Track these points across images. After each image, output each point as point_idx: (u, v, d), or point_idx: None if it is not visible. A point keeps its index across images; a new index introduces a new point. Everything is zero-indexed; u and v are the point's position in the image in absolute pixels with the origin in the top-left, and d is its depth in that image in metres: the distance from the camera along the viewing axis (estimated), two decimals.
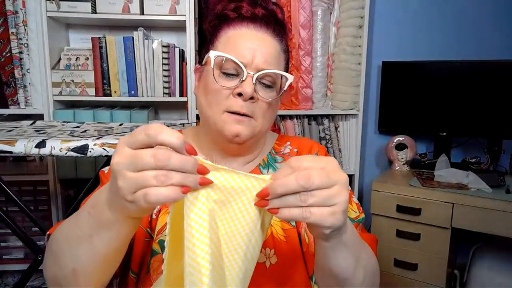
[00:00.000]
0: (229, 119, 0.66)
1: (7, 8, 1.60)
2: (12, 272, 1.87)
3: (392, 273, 1.68)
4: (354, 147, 1.99)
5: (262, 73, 0.65)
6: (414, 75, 1.93)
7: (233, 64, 0.65)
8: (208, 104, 0.68)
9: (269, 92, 0.68)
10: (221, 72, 0.66)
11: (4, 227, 1.67)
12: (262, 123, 0.69)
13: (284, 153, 0.79)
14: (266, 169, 0.76)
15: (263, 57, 0.66)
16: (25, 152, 0.94)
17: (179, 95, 1.79)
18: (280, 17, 0.72)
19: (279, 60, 0.69)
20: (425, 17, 2.01)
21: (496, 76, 1.76)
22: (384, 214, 1.67)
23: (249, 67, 0.65)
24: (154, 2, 1.71)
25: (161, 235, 0.66)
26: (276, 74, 0.67)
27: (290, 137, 0.84)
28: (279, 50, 0.69)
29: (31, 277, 1.21)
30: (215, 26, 0.71)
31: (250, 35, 0.67)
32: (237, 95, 0.65)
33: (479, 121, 1.81)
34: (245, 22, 0.68)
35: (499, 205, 1.44)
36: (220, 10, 0.70)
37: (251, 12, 0.68)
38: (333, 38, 1.91)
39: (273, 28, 0.69)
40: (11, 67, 1.65)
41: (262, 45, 0.67)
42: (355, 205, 0.77)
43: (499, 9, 1.88)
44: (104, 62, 1.71)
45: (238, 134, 0.66)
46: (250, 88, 0.64)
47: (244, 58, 0.65)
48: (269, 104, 0.68)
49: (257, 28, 0.68)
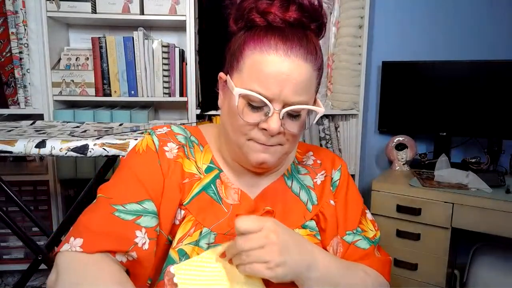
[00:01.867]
0: (255, 147, 0.63)
1: (7, 8, 1.60)
2: (12, 272, 1.86)
3: (392, 273, 1.66)
4: (354, 147, 1.99)
5: (290, 109, 0.60)
6: (414, 75, 1.93)
7: (259, 99, 0.59)
8: (232, 129, 0.64)
9: (296, 121, 0.63)
10: (246, 103, 0.61)
11: (4, 227, 1.67)
12: (289, 147, 0.66)
13: (308, 165, 0.78)
14: (290, 180, 0.75)
15: (291, 88, 0.59)
16: (25, 152, 0.94)
17: (179, 95, 1.79)
18: (318, 11, 0.62)
19: (310, 85, 0.62)
20: (425, 17, 2.01)
21: (496, 76, 1.76)
22: (384, 214, 1.67)
23: (275, 101, 0.59)
24: (154, 2, 1.71)
25: (181, 243, 0.64)
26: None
27: (311, 146, 0.83)
28: (312, 72, 0.61)
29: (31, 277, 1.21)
30: (241, 32, 0.64)
31: (279, 63, 0.58)
32: (263, 129, 0.61)
33: (479, 121, 1.81)
34: (274, 40, 0.59)
35: (499, 205, 1.44)
36: (248, 11, 0.62)
37: (281, 19, 0.60)
38: (333, 38, 1.91)
39: (306, 44, 0.60)
40: (11, 67, 1.65)
41: (292, 74, 0.58)
42: (370, 223, 0.78)
43: (500, 9, 1.88)
44: (104, 62, 1.71)
45: (264, 162, 0.64)
46: (277, 125, 0.59)
47: (270, 91, 0.58)
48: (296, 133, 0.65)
49: (287, 52, 0.58)
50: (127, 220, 0.60)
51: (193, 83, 1.75)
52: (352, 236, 0.73)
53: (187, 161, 0.69)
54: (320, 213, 0.73)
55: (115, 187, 0.64)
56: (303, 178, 0.76)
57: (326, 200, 0.74)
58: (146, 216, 0.61)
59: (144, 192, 0.63)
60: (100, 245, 0.56)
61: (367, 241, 0.74)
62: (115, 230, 0.58)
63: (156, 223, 0.62)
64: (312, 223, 0.72)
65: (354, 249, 0.73)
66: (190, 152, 0.70)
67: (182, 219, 0.66)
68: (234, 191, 0.70)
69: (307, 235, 0.71)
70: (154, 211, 0.63)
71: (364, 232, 0.75)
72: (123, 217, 0.60)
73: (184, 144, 0.70)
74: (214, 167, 0.71)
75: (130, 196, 0.62)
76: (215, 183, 0.69)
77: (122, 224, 0.59)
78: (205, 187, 0.68)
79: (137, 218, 0.61)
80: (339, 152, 1.99)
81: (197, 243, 0.64)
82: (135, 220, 0.60)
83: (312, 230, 0.72)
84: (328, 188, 0.75)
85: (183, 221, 0.66)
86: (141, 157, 0.67)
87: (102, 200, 0.62)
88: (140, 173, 0.64)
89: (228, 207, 0.68)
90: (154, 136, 0.69)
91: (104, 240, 0.57)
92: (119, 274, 0.56)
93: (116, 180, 0.66)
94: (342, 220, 0.74)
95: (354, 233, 0.74)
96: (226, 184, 0.70)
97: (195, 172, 0.69)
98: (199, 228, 0.65)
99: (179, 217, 0.66)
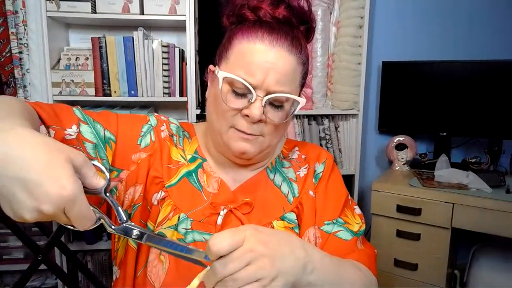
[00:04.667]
0: (235, 135, 0.64)
1: (7, 8, 1.60)
2: (12, 272, 1.86)
3: (392, 273, 1.68)
4: (354, 147, 1.99)
5: (272, 97, 0.62)
6: (414, 75, 1.92)
7: (243, 85, 0.61)
8: (216, 116, 0.66)
9: (278, 112, 0.65)
10: (231, 89, 0.63)
11: (4, 227, 1.67)
12: (271, 139, 0.67)
13: (292, 159, 0.78)
14: (273, 173, 0.75)
15: (275, 77, 0.61)
16: None
17: (179, 95, 1.79)
18: (307, 15, 0.66)
19: (293, 78, 0.64)
20: (425, 17, 2.01)
21: (496, 76, 1.76)
22: (384, 214, 1.67)
23: (259, 89, 0.61)
24: (154, 2, 1.71)
25: (161, 227, 0.65)
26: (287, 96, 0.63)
27: (298, 142, 0.83)
28: (295, 65, 0.64)
29: (31, 277, 1.21)
30: (232, 26, 0.67)
31: (264, 52, 0.61)
32: (245, 115, 0.62)
33: (479, 121, 1.81)
34: (261, 32, 0.62)
35: (499, 205, 1.44)
36: (239, 7, 0.65)
37: (271, 15, 0.63)
38: (333, 38, 1.91)
39: (291, 39, 0.63)
40: (11, 67, 1.65)
41: (276, 63, 0.61)
42: (358, 217, 0.77)
43: (499, 9, 1.88)
44: (104, 62, 1.71)
45: (244, 152, 0.65)
46: (259, 112, 0.61)
47: (254, 78, 0.60)
48: (279, 124, 0.65)
49: (273, 43, 0.61)
50: (74, 113, 0.64)
51: (193, 83, 1.75)
52: (332, 226, 0.72)
53: (175, 148, 0.73)
54: (299, 204, 0.72)
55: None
56: (286, 171, 0.76)
57: (306, 191, 0.73)
58: (88, 127, 0.64)
59: (109, 123, 0.67)
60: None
61: (349, 232, 0.72)
62: (57, 111, 0.61)
63: (91, 137, 0.63)
64: (292, 215, 0.71)
65: (334, 239, 0.71)
66: (179, 141, 0.74)
67: (161, 200, 0.67)
68: (215, 179, 0.71)
69: (284, 227, 0.69)
70: (98, 133, 0.64)
71: (347, 224, 0.73)
72: (74, 110, 0.64)
73: (174, 134, 0.74)
74: (197, 157, 0.73)
75: (91, 114, 0.66)
76: (196, 172, 0.71)
77: (64, 109, 0.63)
78: (187, 174, 0.70)
79: (83, 123, 0.63)
80: (339, 152, 1.99)
81: (176, 228, 0.65)
82: (79, 120, 0.63)
83: (290, 223, 0.71)
84: (310, 180, 0.75)
85: (163, 203, 0.67)
86: (132, 115, 0.72)
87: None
88: (122, 116, 0.70)
89: (208, 195, 0.69)
90: (153, 116, 0.75)
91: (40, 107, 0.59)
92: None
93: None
94: (321, 210, 0.73)
95: (334, 223, 0.72)
96: (209, 173, 0.72)
97: (180, 160, 0.72)
98: (177, 213, 0.67)
99: (159, 197, 0.68)
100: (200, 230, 0.66)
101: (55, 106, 0.62)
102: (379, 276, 0.74)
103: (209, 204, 0.68)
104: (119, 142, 0.67)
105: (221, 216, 0.66)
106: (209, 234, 0.65)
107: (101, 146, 0.64)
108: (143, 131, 0.70)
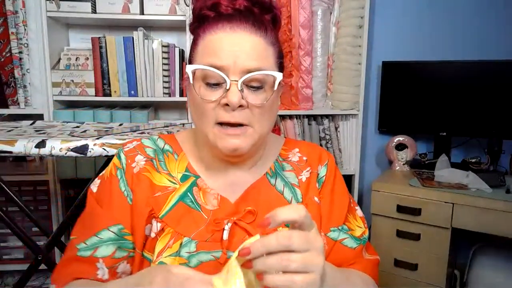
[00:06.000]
0: (221, 133, 0.61)
1: (7, 8, 1.60)
2: (12, 272, 1.86)
3: (392, 273, 1.68)
4: (354, 147, 1.99)
5: (247, 78, 0.59)
6: (414, 75, 1.93)
7: (214, 73, 0.59)
8: (199, 117, 0.64)
9: (259, 94, 0.62)
10: (204, 84, 0.61)
11: (4, 227, 1.66)
12: (261, 128, 0.63)
13: (293, 161, 0.75)
14: (274, 178, 0.72)
15: (244, 57, 0.59)
16: (25, 152, 0.94)
17: (179, 95, 1.79)
18: (267, 3, 0.65)
19: (266, 55, 0.62)
20: (425, 17, 2.01)
21: (496, 76, 1.76)
22: (384, 214, 1.67)
23: (232, 73, 0.59)
24: (154, 2, 1.71)
25: (161, 256, 0.62)
26: (263, 75, 0.61)
27: (298, 142, 0.80)
28: (264, 44, 0.62)
29: (31, 277, 1.21)
30: (194, 31, 0.66)
31: (227, 37, 0.60)
32: (225, 105, 0.60)
33: (479, 121, 1.81)
34: (220, 23, 0.61)
35: (499, 205, 1.44)
36: (198, 10, 0.64)
37: (231, 8, 0.62)
38: (333, 38, 1.91)
39: (252, 22, 0.61)
40: (11, 67, 1.65)
41: (242, 44, 0.60)
42: (360, 220, 0.75)
43: (499, 9, 1.88)
44: (104, 62, 1.71)
45: (236, 149, 0.62)
46: (237, 97, 0.58)
47: (223, 63, 0.59)
48: (263, 107, 0.62)
49: (234, 28, 0.60)
50: (87, 256, 0.64)
51: None
52: (338, 233, 0.71)
53: (157, 174, 0.69)
54: None
55: (80, 223, 0.69)
56: (288, 175, 0.73)
57: (311, 197, 0.72)
58: (101, 247, 0.64)
59: (105, 219, 0.66)
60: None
61: (354, 240, 0.72)
62: (78, 269, 0.63)
63: (113, 250, 0.64)
64: None
65: (341, 247, 0.70)
66: (161, 165, 0.70)
67: (159, 232, 0.65)
68: (213, 196, 0.68)
69: None
70: (110, 238, 0.64)
71: (351, 230, 0.73)
72: (83, 255, 0.64)
73: (153, 158, 0.70)
74: (189, 175, 0.70)
75: (89, 230, 0.65)
76: (191, 191, 0.68)
77: (83, 261, 0.64)
78: (182, 197, 0.67)
79: (94, 251, 0.64)
80: (339, 152, 1.99)
81: (178, 254, 0.63)
82: (93, 254, 0.64)
83: None
84: (313, 185, 0.73)
85: (162, 234, 0.65)
86: (104, 184, 0.69)
87: (71, 243, 0.67)
88: (102, 201, 0.67)
89: (208, 213, 0.66)
90: (122, 154, 0.70)
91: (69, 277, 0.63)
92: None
93: (83, 214, 0.70)
94: (327, 216, 0.71)
95: (339, 230, 0.71)
96: (204, 190, 0.68)
97: (168, 185, 0.68)
98: (179, 239, 0.64)
99: (156, 229, 0.65)
100: (206, 250, 0.63)
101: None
102: (379, 276, 0.74)
103: (211, 221, 0.65)
104: (124, 222, 0.66)
105: (226, 231, 0.63)
106: (218, 251, 0.63)
107: (119, 245, 0.66)
108: (121, 188, 0.67)
